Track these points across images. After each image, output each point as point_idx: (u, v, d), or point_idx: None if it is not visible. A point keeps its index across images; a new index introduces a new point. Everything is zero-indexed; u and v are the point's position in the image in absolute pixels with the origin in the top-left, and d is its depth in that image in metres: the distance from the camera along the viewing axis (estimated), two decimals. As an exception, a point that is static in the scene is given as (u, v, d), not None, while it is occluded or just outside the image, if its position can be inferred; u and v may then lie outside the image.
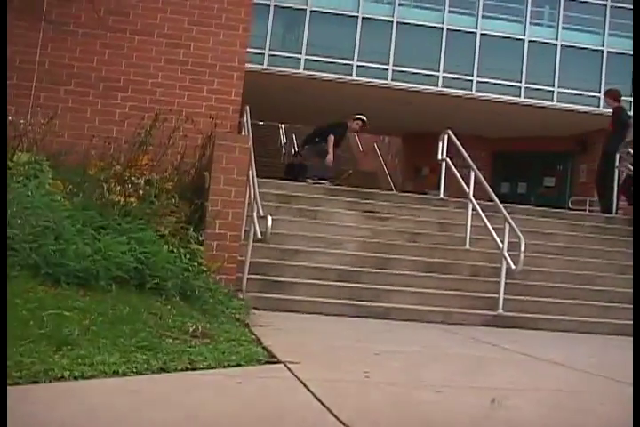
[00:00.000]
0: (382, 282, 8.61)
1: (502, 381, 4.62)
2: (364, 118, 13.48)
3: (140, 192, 7.74)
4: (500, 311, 8.25)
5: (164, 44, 9.96)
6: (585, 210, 14.32)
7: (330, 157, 13.11)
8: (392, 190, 17.06)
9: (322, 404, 3.42)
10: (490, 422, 3.35)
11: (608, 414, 3.77)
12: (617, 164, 12.03)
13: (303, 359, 4.58)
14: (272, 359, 4.59)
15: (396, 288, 8.45)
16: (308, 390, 3.72)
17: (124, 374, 3.72)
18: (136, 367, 3.85)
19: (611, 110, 12.75)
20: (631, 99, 14.95)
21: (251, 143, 8.46)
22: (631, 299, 9.10)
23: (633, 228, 8.59)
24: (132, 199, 7.48)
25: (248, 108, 10.03)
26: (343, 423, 3.05)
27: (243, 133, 9.62)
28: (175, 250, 6.87)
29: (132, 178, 7.98)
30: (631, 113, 13.51)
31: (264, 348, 4.97)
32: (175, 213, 7.73)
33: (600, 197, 12.80)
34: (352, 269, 8.71)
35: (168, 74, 9.89)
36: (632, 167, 11.79)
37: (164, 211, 7.57)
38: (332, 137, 13.23)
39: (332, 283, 8.34)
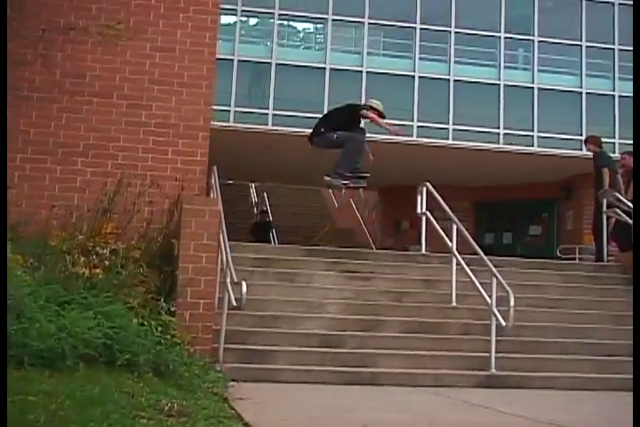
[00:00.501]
0: (368, 346, 8.56)
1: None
2: (380, 107, 11.47)
3: (106, 262, 7.73)
4: (493, 371, 8.22)
5: (125, 106, 10.03)
6: (574, 258, 14.41)
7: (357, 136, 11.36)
8: (371, 247, 17.12)
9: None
10: None
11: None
12: (604, 209, 12.14)
13: (288, 435, 4.53)
14: (255, 437, 4.54)
15: (382, 351, 8.40)
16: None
17: (97, 463, 3.66)
18: (109, 454, 3.79)
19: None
20: (615, 141, 15.21)
21: (220, 206, 8.49)
22: (630, 351, 9.12)
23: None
24: (97, 270, 7.46)
25: (215, 168, 10.08)
26: None
27: (211, 196, 9.65)
28: (146, 322, 6.84)
29: (97, 248, 7.97)
30: (615, 155, 13.70)
31: (245, 424, 4.92)
32: (144, 284, 7.71)
33: (596, 244, 12.91)
34: (335, 333, 8.67)
35: (130, 136, 9.93)
36: (621, 212, 11.91)
37: (132, 281, 7.55)
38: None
39: (314, 349, 8.29)
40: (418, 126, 15.34)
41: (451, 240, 9.95)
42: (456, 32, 16.69)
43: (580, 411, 6.72)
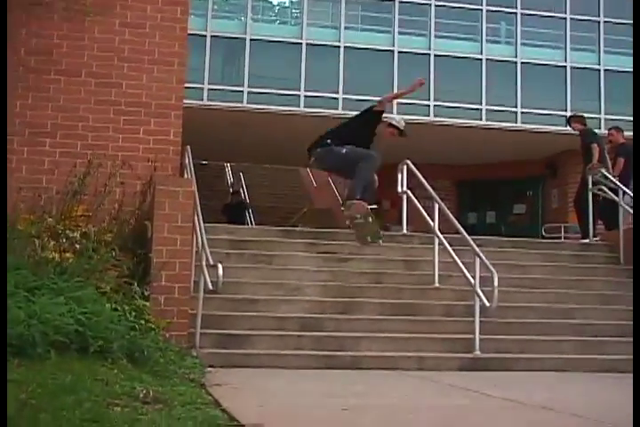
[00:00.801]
0: (348, 329, 8.60)
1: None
2: (401, 125, 9.43)
3: (77, 246, 7.69)
4: (477, 353, 8.28)
5: (94, 84, 9.95)
6: (560, 237, 14.49)
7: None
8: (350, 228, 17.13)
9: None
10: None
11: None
12: (590, 186, 12.21)
13: (267, 421, 4.55)
14: (233, 423, 4.56)
15: (363, 334, 8.44)
16: (274, 455, 3.69)
17: (70, 451, 3.66)
18: (82, 443, 3.79)
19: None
20: (601, 117, 15.28)
21: (195, 186, 8.47)
22: (617, 332, 9.22)
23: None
24: (67, 255, 7.43)
25: (189, 148, 10.04)
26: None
27: (185, 176, 9.62)
28: (119, 308, 6.83)
29: (67, 231, 7.93)
30: (600, 131, 13.76)
31: (223, 410, 4.93)
32: (117, 267, 7.69)
33: (579, 222, 12.99)
34: (313, 316, 8.70)
35: (100, 116, 9.87)
36: (607, 190, 11.98)
37: (105, 265, 7.53)
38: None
39: (292, 333, 8.32)
40: (397, 103, 15.29)
41: (432, 220, 9.98)
42: (437, 5, 16.66)
43: (568, 393, 6.78)
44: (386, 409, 5.45)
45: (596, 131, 13.59)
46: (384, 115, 9.43)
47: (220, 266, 7.61)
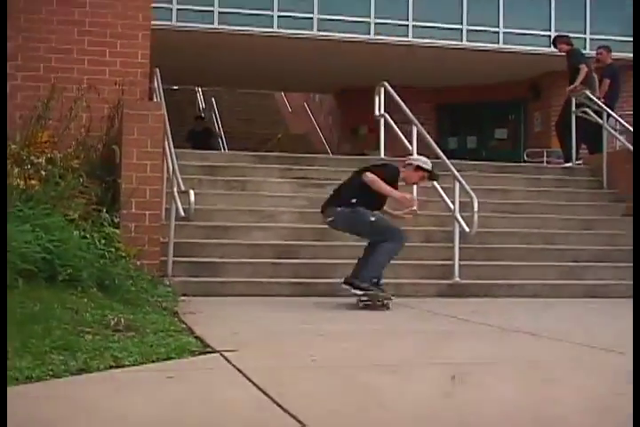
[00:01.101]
0: (324, 256, 8.66)
1: (464, 356, 4.69)
2: (429, 166, 7.74)
3: (43, 173, 7.64)
4: (457, 279, 8.37)
5: (55, 3, 9.76)
6: (542, 162, 14.52)
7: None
8: (327, 153, 17.11)
9: (265, 394, 3.43)
10: (452, 401, 3.41)
11: (582, 384, 3.86)
12: (573, 108, 12.19)
13: (241, 347, 4.60)
14: (206, 349, 4.60)
15: (339, 262, 8.48)
16: (249, 380, 3.73)
17: (40, 379, 3.69)
18: (52, 370, 3.82)
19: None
20: (586, 37, 15.19)
21: (164, 110, 8.40)
22: (598, 257, 9.32)
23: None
24: (33, 182, 7.38)
25: (158, 70, 9.92)
26: (293, 416, 3.07)
27: (154, 100, 9.53)
28: (88, 235, 6.83)
29: (32, 157, 7.87)
30: (586, 51, 13.69)
31: (197, 337, 4.98)
32: (84, 195, 7.66)
33: (561, 146, 13.01)
34: (288, 243, 8.74)
35: (63, 37, 9.70)
36: (591, 112, 11.96)
37: (72, 192, 7.50)
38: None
39: (267, 260, 8.37)
40: (375, 23, 15.09)
41: (411, 144, 9.98)
42: None
43: (547, 318, 6.88)
44: (363, 334, 5.51)
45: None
46: (408, 159, 8.02)
47: (191, 192, 7.60)
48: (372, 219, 7.29)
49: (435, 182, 9.03)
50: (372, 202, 7.37)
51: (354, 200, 7.30)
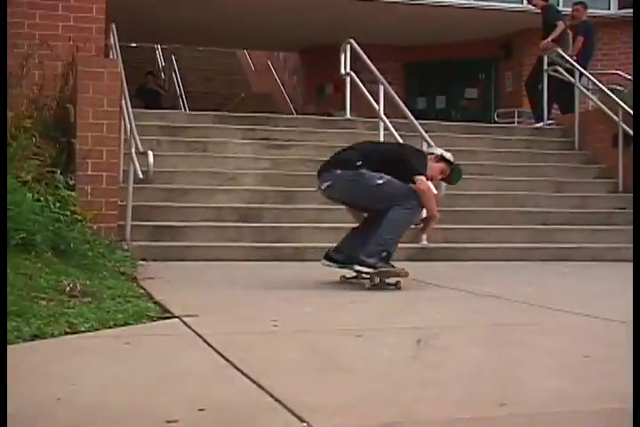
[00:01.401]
0: (289, 219, 8.67)
1: (431, 319, 4.74)
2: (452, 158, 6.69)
3: (-7, 133, 7.56)
4: (425, 243, 8.41)
5: (2, -48, 9.58)
6: (513, 122, 14.57)
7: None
8: (292, 114, 17.05)
9: (226, 360, 3.45)
10: (415, 364, 3.44)
11: (550, 347, 3.91)
12: (545, 67, 12.21)
13: (202, 312, 4.61)
14: (165, 315, 4.61)
15: (304, 225, 8.52)
16: (209, 345, 3.75)
17: (-9, 345, 3.68)
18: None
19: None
20: None
21: (121, 68, 8.32)
22: (569, 220, 9.41)
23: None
24: (-18, 142, 7.30)
25: (114, 26, 9.80)
26: (253, 381, 3.09)
27: (111, 57, 9.43)
28: (42, 198, 6.78)
29: (-20, 117, 7.77)
30: (561, 8, 13.69)
31: (156, 303, 4.98)
32: (38, 156, 7.60)
33: (531, 105, 13.05)
34: (252, 206, 8.75)
35: (13, -11, 9.54)
36: (563, 71, 11.98)
37: (24, 153, 7.43)
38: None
39: (229, 224, 8.37)
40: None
41: (377, 103, 9.97)
42: None
43: (516, 282, 6.94)
44: (327, 299, 5.54)
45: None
46: (429, 148, 7.53)
47: (150, 153, 7.56)
48: (379, 182, 6.10)
49: (402, 142, 9.05)
50: (382, 167, 6.20)
51: (359, 162, 6.19)
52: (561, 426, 2.72)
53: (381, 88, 9.98)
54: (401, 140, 9.16)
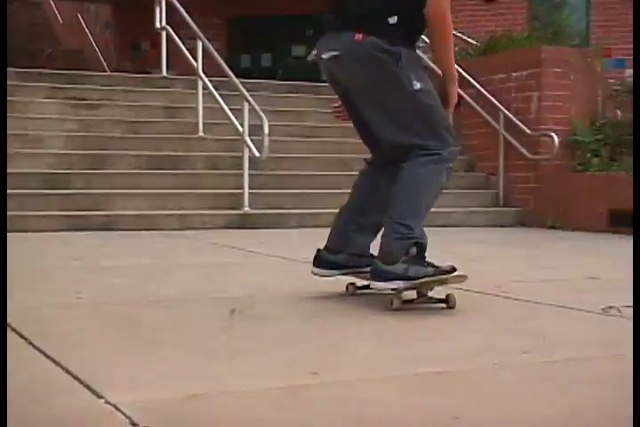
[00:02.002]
0: (100, 185, 8.58)
1: (247, 289, 4.79)
2: None
3: None
4: (247, 209, 8.49)
5: None
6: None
7: None
8: (105, 71, 16.78)
9: (20, 336, 3.40)
10: (227, 335, 3.49)
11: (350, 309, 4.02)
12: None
13: (1, 286, 4.53)
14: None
15: (117, 191, 8.46)
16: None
17: None
18: None
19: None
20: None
21: None
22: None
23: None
24: None
25: None
26: (49, 357, 3.06)
27: None
28: None
29: None
30: None
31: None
32: None
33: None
34: (60, 172, 8.62)
35: None
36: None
37: None
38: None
39: (34, 191, 8.23)
40: None
41: (196, 60, 9.93)
42: None
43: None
44: (139, 269, 5.53)
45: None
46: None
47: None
48: (418, 86, 3.96)
49: (223, 103, 9.09)
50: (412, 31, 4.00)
51: (392, 20, 3.89)
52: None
53: (200, 44, 9.94)
54: (221, 100, 9.20)
